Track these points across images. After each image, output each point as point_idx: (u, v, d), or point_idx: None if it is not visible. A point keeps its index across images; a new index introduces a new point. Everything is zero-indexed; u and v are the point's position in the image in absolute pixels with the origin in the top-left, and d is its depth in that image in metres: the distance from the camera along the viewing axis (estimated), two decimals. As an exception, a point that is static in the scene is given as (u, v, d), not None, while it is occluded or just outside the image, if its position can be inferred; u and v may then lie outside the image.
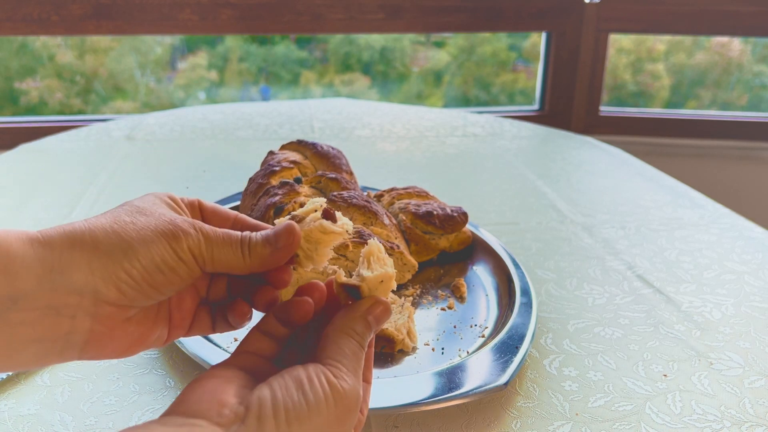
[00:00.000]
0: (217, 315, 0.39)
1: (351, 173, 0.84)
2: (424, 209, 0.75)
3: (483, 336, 0.62)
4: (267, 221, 0.69)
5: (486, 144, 1.28)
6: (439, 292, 0.70)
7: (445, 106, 2.21)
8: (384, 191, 0.81)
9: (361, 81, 2.19)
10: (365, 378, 0.38)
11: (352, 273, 0.65)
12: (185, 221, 0.35)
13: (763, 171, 1.95)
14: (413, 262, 0.68)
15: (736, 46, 2.04)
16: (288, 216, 0.38)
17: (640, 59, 2.09)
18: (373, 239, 0.38)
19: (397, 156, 1.20)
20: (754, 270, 0.78)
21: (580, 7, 1.83)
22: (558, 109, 1.95)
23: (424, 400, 0.50)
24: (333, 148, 0.85)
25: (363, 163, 1.13)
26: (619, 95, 2.12)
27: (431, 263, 0.76)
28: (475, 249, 0.77)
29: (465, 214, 0.76)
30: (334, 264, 0.64)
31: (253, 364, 0.35)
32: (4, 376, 0.55)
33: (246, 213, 0.75)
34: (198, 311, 0.38)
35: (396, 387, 0.51)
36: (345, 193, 0.70)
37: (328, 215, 0.38)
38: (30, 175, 1.07)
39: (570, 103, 1.94)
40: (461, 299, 0.68)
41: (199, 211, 0.39)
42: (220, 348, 0.57)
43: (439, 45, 2.18)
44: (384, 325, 0.40)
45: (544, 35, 1.94)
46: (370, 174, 1.08)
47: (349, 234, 0.38)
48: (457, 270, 0.75)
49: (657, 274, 0.77)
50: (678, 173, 1.19)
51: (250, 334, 0.37)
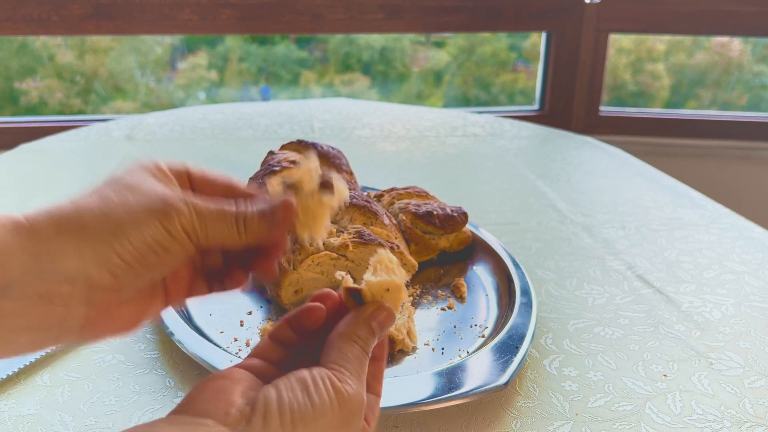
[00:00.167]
0: (213, 279, 0.38)
1: (351, 173, 0.84)
2: (424, 209, 0.75)
3: (483, 336, 0.62)
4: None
5: (486, 144, 1.28)
6: (439, 292, 0.70)
7: (445, 106, 2.21)
8: (384, 191, 0.81)
9: (361, 81, 2.19)
10: (374, 391, 0.38)
11: (353, 276, 0.66)
12: (176, 197, 0.33)
13: (763, 171, 1.95)
14: (413, 262, 0.68)
15: (736, 46, 2.04)
16: (282, 182, 0.37)
17: (640, 59, 2.09)
18: (385, 250, 0.38)
19: (397, 156, 1.20)
20: (754, 270, 0.78)
21: (580, 7, 1.83)
22: (558, 109, 1.95)
23: (424, 400, 0.50)
24: (333, 148, 0.85)
25: (363, 163, 1.13)
26: (619, 95, 2.12)
27: (431, 263, 0.76)
28: (475, 249, 0.77)
29: (465, 214, 0.76)
30: (334, 264, 0.64)
31: (261, 368, 0.36)
32: (4, 375, 0.55)
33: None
34: (193, 278, 0.37)
35: (396, 387, 0.51)
36: (345, 193, 0.70)
37: (326, 186, 0.37)
38: (30, 175, 1.07)
39: (570, 103, 1.94)
40: (461, 299, 0.68)
41: (188, 180, 0.37)
42: (220, 348, 0.57)
43: (439, 45, 2.18)
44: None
45: (544, 35, 1.94)
46: (370, 174, 1.08)
47: (346, 202, 0.37)
48: (457, 270, 0.75)
49: (657, 274, 0.77)
50: (678, 173, 1.19)
51: (261, 341, 0.37)
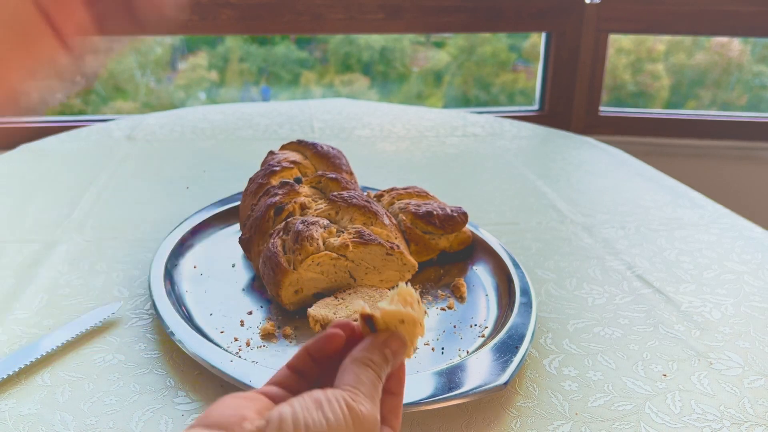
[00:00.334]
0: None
1: (351, 173, 0.84)
2: (424, 209, 0.75)
3: (483, 336, 0.62)
4: (267, 221, 0.69)
5: (486, 144, 1.28)
6: (439, 292, 0.70)
7: (445, 106, 2.21)
8: (384, 191, 0.81)
9: (361, 81, 2.19)
10: (391, 425, 0.38)
11: (353, 276, 0.66)
12: None
13: (763, 171, 1.95)
14: (413, 262, 0.68)
15: (735, 46, 2.04)
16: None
17: (639, 59, 2.09)
18: (408, 285, 0.39)
19: (397, 156, 1.20)
20: (753, 270, 0.78)
21: (580, 8, 1.83)
22: (558, 110, 1.95)
23: (424, 399, 0.50)
24: (333, 148, 0.85)
25: (363, 163, 1.13)
26: (619, 95, 2.12)
27: (431, 263, 0.76)
28: (475, 249, 0.77)
29: (465, 214, 0.76)
30: (334, 264, 0.64)
31: (279, 395, 0.36)
32: (4, 375, 0.55)
33: (246, 213, 0.75)
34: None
35: (396, 387, 0.51)
36: (345, 193, 0.70)
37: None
38: (30, 175, 1.07)
39: (570, 104, 1.94)
40: (461, 299, 0.68)
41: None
42: (220, 348, 0.58)
43: (439, 45, 2.18)
44: None
45: (543, 35, 1.94)
46: (370, 174, 1.08)
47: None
48: (457, 270, 0.75)
49: (657, 274, 0.77)
50: (678, 173, 1.19)
51: (280, 370, 0.38)
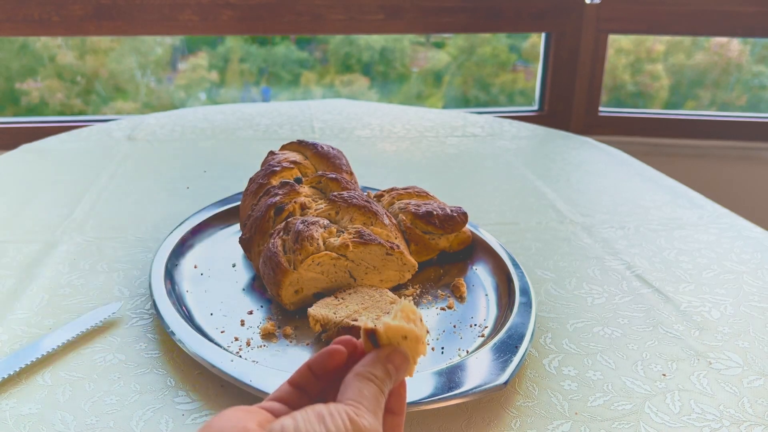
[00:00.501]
0: None
1: (351, 173, 0.84)
2: (424, 209, 0.75)
3: (482, 335, 0.62)
4: (267, 221, 0.70)
5: (486, 144, 1.29)
6: (439, 291, 0.70)
7: (445, 106, 2.21)
8: (384, 191, 0.82)
9: (361, 81, 2.19)
10: None
11: (353, 276, 0.66)
12: None
13: (762, 171, 1.95)
14: (413, 262, 0.68)
15: (735, 46, 2.04)
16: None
17: (639, 60, 2.09)
18: (410, 301, 0.39)
19: (397, 156, 1.20)
20: (753, 270, 0.78)
21: (579, 8, 1.83)
22: (557, 110, 1.95)
23: (423, 399, 0.51)
24: (333, 148, 0.85)
25: (363, 163, 1.13)
26: (619, 96, 2.13)
27: (431, 263, 0.76)
28: (475, 249, 0.77)
29: (465, 214, 0.76)
30: (334, 263, 0.64)
31: (280, 411, 0.36)
32: (5, 375, 0.55)
33: (246, 213, 0.75)
34: None
35: (396, 386, 0.51)
36: (345, 193, 0.71)
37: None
38: (31, 175, 1.07)
39: (569, 104, 1.95)
40: (461, 299, 0.68)
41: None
42: (220, 347, 0.58)
43: (439, 45, 2.18)
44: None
45: (543, 36, 1.94)
46: (370, 174, 1.08)
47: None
48: (457, 270, 0.75)
49: (656, 273, 0.77)
50: (677, 173, 1.19)
51: (282, 386, 0.38)
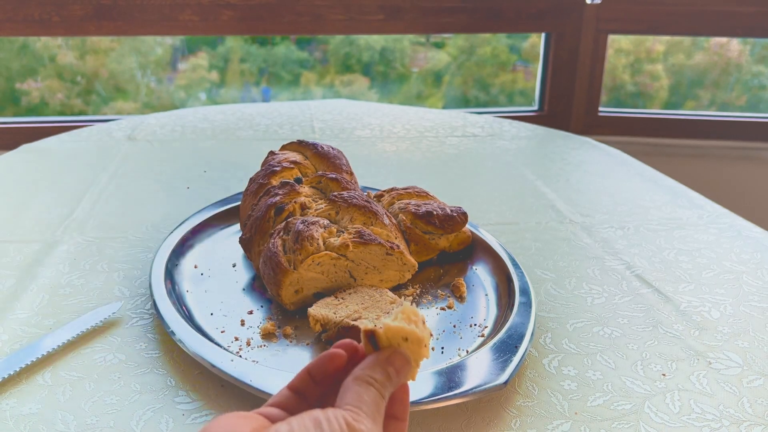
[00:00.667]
0: None
1: (351, 173, 0.84)
2: (424, 209, 0.75)
3: (482, 335, 0.62)
4: (267, 221, 0.70)
5: (485, 144, 1.29)
6: (439, 291, 0.70)
7: (445, 106, 2.21)
8: (384, 191, 0.82)
9: (361, 82, 2.19)
10: None
11: (353, 276, 0.66)
12: None
13: (762, 171, 1.95)
14: (413, 262, 0.68)
15: (734, 46, 2.04)
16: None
17: (638, 60, 2.10)
18: (412, 305, 0.38)
19: (397, 156, 1.20)
20: (752, 270, 0.78)
21: (579, 8, 1.83)
22: (557, 110, 1.95)
23: (423, 399, 0.51)
24: (333, 148, 0.85)
25: (363, 164, 1.13)
26: (618, 96, 2.13)
27: (431, 263, 0.76)
28: (475, 249, 0.77)
29: (465, 214, 0.77)
30: (334, 263, 0.65)
31: (278, 417, 0.36)
32: (5, 375, 0.56)
33: (246, 213, 0.75)
34: None
35: (396, 386, 0.51)
36: (345, 193, 0.71)
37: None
38: (31, 175, 1.07)
39: (569, 104, 1.95)
40: (461, 299, 0.69)
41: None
42: (220, 347, 0.58)
43: (439, 46, 2.18)
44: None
45: (543, 36, 1.94)
46: (370, 174, 1.08)
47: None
48: (457, 270, 0.75)
49: (656, 273, 0.77)
50: (677, 173, 1.19)
51: (280, 391, 0.38)
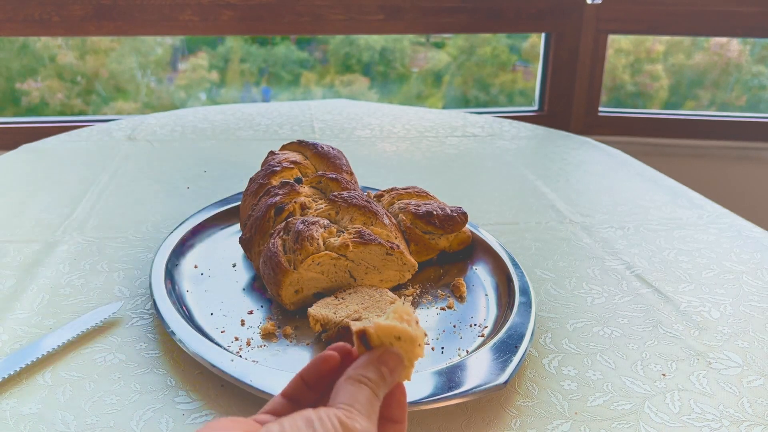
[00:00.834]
0: None
1: (351, 173, 0.84)
2: (424, 209, 0.75)
3: (482, 335, 0.62)
4: (267, 221, 0.70)
5: (486, 144, 1.29)
6: (439, 291, 0.70)
7: (445, 106, 2.21)
8: (384, 191, 0.82)
9: (361, 82, 2.19)
10: None
11: (353, 276, 0.66)
12: None
13: (762, 171, 1.95)
14: (413, 262, 0.68)
15: (734, 46, 2.04)
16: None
17: (638, 60, 2.10)
18: (406, 303, 0.38)
19: (397, 156, 1.20)
20: (752, 270, 0.78)
21: (579, 8, 1.83)
22: (557, 110, 1.96)
23: (423, 399, 0.51)
24: (333, 148, 0.85)
25: (363, 164, 1.13)
26: (618, 96, 2.13)
27: (431, 263, 0.76)
28: (475, 249, 0.77)
29: (465, 214, 0.77)
30: (334, 263, 0.65)
31: (270, 422, 0.35)
32: (5, 375, 0.56)
33: (246, 213, 0.75)
34: None
35: (396, 386, 0.51)
36: (345, 193, 0.71)
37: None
38: (31, 175, 1.07)
39: (569, 104, 1.95)
40: (461, 299, 0.69)
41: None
42: (221, 347, 0.58)
43: (439, 46, 2.18)
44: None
45: (543, 36, 1.94)
46: (370, 174, 1.08)
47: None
48: (457, 270, 0.75)
49: (656, 273, 0.77)
50: (677, 173, 1.19)
51: (274, 398, 0.37)
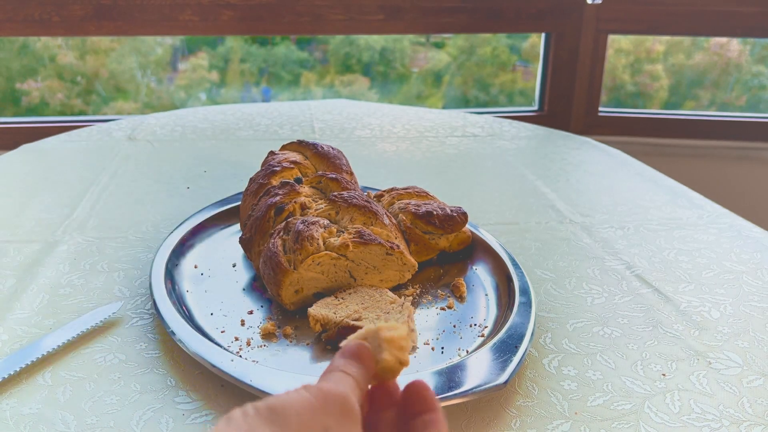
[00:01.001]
0: None
1: (351, 173, 0.85)
2: (424, 209, 0.75)
3: (482, 335, 0.62)
4: (267, 221, 0.70)
5: (486, 144, 1.29)
6: (439, 291, 0.70)
7: (445, 106, 2.21)
8: (384, 191, 0.82)
9: (361, 82, 2.19)
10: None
11: (353, 276, 0.66)
12: None
13: (762, 171, 1.95)
14: (413, 262, 0.68)
15: (734, 46, 2.04)
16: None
17: (638, 60, 2.10)
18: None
19: (397, 156, 1.20)
20: (752, 270, 0.78)
21: (579, 8, 1.83)
22: (557, 110, 1.96)
23: (423, 398, 0.51)
24: (333, 148, 0.85)
25: (363, 164, 1.13)
26: (618, 96, 2.13)
27: (431, 263, 0.76)
28: (475, 249, 0.77)
29: (465, 214, 0.77)
30: (334, 263, 0.65)
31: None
32: (5, 375, 0.56)
33: (246, 213, 0.75)
34: None
35: (396, 386, 0.51)
36: (345, 193, 0.71)
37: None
38: (31, 175, 1.07)
39: (569, 104, 1.95)
40: (461, 299, 0.69)
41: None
42: (221, 347, 0.58)
43: (439, 46, 2.18)
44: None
45: (543, 36, 1.94)
46: (370, 174, 1.08)
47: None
48: (457, 270, 0.75)
49: (656, 273, 0.77)
50: (676, 173, 1.19)
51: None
